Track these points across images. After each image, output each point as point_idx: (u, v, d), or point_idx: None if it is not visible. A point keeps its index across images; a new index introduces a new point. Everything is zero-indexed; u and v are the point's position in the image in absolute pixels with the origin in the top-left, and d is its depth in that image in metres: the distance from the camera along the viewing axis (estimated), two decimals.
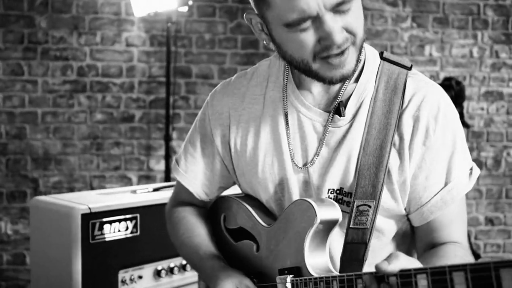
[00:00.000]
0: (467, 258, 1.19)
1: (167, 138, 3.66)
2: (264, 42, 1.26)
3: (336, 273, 1.17)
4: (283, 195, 1.30)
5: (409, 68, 1.27)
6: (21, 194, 3.90)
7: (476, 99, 4.19)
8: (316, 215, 1.14)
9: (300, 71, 1.20)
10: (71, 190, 3.90)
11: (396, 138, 1.21)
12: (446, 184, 1.22)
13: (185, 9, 3.51)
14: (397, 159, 1.21)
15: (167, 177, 3.59)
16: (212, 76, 4.02)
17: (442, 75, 4.11)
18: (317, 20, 1.09)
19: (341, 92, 1.25)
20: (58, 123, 3.91)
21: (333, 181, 1.24)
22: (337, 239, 1.24)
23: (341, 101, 1.24)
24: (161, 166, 3.98)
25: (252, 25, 1.24)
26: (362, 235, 1.21)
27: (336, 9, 1.09)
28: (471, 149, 4.14)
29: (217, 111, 1.38)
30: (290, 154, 1.28)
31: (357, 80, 1.26)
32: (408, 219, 1.28)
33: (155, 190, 2.44)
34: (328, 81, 1.18)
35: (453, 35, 4.16)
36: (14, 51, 3.84)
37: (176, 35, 3.91)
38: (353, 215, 1.20)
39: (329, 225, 1.17)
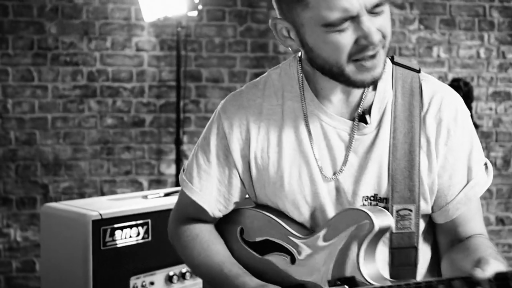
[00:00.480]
0: (495, 249, 1.24)
1: (178, 142, 3.66)
2: (289, 48, 1.25)
3: (389, 280, 1.18)
4: (314, 206, 1.29)
5: (418, 71, 1.32)
6: (31, 200, 3.88)
7: (484, 100, 4.23)
8: (374, 224, 1.14)
9: (330, 75, 1.20)
10: (82, 195, 3.88)
11: (423, 140, 1.25)
12: (468, 181, 1.27)
13: (194, 13, 3.53)
14: (425, 161, 1.25)
15: (178, 181, 3.58)
16: (223, 79, 4.04)
17: (450, 76, 4.15)
18: (355, 21, 1.11)
19: (362, 99, 1.27)
20: (68, 128, 3.90)
21: (366, 188, 1.25)
22: (379, 246, 1.25)
23: (365, 109, 1.27)
24: (172, 170, 3.98)
25: (277, 31, 1.23)
26: (409, 239, 1.23)
27: (373, 11, 1.12)
28: None
29: (234, 124, 1.33)
30: (318, 164, 1.27)
31: (375, 87, 1.28)
32: (430, 217, 1.31)
33: (166, 195, 2.43)
34: (359, 84, 1.19)
35: (460, 36, 4.21)
36: (24, 57, 3.85)
37: (186, 39, 3.93)
38: (394, 220, 1.22)
39: (382, 233, 1.17)
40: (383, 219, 1.16)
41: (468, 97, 3.74)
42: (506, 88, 4.27)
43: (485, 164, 1.30)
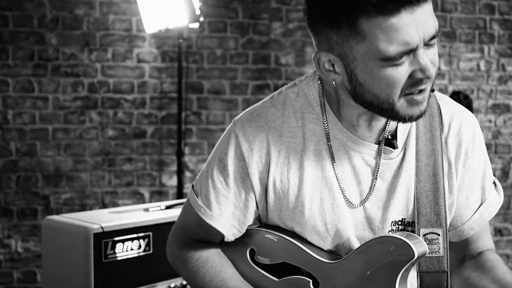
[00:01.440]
0: (503, 262, 1.26)
1: (180, 154, 3.66)
2: (333, 83, 1.19)
3: None
4: (336, 233, 1.27)
5: (433, 91, 1.29)
6: (32, 211, 3.87)
7: (484, 112, 4.26)
8: (413, 251, 1.13)
9: (378, 110, 1.15)
10: (83, 207, 3.88)
11: (445, 163, 1.25)
12: (482, 202, 1.29)
13: (196, 25, 3.51)
14: (447, 183, 1.25)
15: (179, 192, 3.59)
16: (224, 91, 4.04)
17: (450, 88, 4.17)
18: (412, 54, 1.07)
19: (388, 123, 1.24)
20: (69, 140, 3.90)
21: (395, 213, 1.25)
22: None
23: (391, 133, 1.25)
24: (173, 181, 3.98)
25: (319, 64, 1.17)
26: (438, 263, 1.23)
27: (429, 43, 1.09)
28: None
29: (254, 147, 1.26)
30: (341, 190, 1.25)
31: None
32: None
33: (168, 207, 2.44)
34: (407, 119, 1.15)
35: (460, 49, 4.23)
36: (24, 68, 3.83)
37: (188, 51, 3.92)
38: None
39: (417, 260, 1.17)
40: (420, 246, 1.15)
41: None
42: (506, 101, 4.30)
43: (494, 182, 1.32)
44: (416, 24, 1.04)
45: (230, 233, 1.32)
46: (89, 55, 3.89)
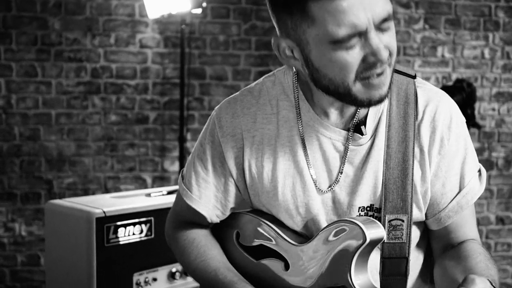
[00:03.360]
0: (486, 253, 1.24)
1: (182, 140, 3.67)
2: (293, 69, 1.23)
3: None
4: (306, 217, 1.29)
5: (414, 77, 1.30)
6: (35, 195, 3.90)
7: (488, 100, 4.23)
8: (365, 236, 1.15)
9: (336, 95, 1.17)
10: (86, 191, 3.91)
11: (417, 150, 1.25)
12: (460, 190, 1.27)
13: (199, 11, 3.51)
14: (419, 170, 1.25)
15: None
16: (226, 77, 4.03)
17: (454, 76, 4.14)
18: (363, 37, 1.08)
19: (358, 110, 1.25)
20: (72, 125, 3.91)
21: (363, 199, 1.26)
22: (372, 255, 1.26)
23: (361, 119, 1.26)
24: (175, 167, 4.00)
25: (279, 51, 1.20)
26: (400, 249, 1.24)
27: (380, 26, 1.09)
28: (482, 150, 4.19)
29: (229, 133, 1.32)
30: (312, 175, 1.27)
31: None
32: (424, 223, 1.32)
33: (169, 193, 2.46)
34: (366, 104, 1.16)
35: (465, 36, 4.19)
36: (27, 52, 3.84)
37: (190, 37, 3.92)
38: (386, 230, 1.23)
39: (373, 244, 1.18)
40: (375, 231, 1.16)
41: (471, 98, 3.74)
42: (510, 89, 4.26)
43: (479, 170, 1.31)
44: (364, 7, 1.05)
45: (213, 214, 1.38)
46: (92, 40, 3.89)
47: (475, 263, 1.18)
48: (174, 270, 2.32)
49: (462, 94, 3.67)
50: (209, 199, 1.36)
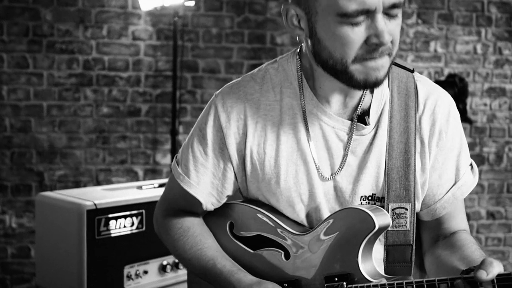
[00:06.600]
0: (478, 243, 1.27)
1: (174, 132, 3.66)
2: (297, 38, 1.24)
3: (385, 277, 1.20)
4: (309, 205, 1.30)
5: (412, 71, 1.34)
6: (26, 187, 3.88)
7: (479, 95, 4.25)
8: (375, 223, 1.17)
9: (332, 72, 1.19)
10: (77, 184, 3.89)
11: (418, 141, 1.28)
12: (456, 181, 1.31)
13: (192, 3, 3.51)
14: (419, 161, 1.28)
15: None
16: (219, 70, 4.02)
17: (446, 71, 4.16)
18: (370, 17, 1.11)
19: (361, 100, 1.28)
20: (63, 117, 3.89)
21: (365, 188, 1.27)
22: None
23: (364, 110, 1.28)
24: (167, 160, 3.99)
25: (287, 17, 1.22)
26: (404, 237, 1.26)
27: (389, 12, 1.12)
28: (474, 144, 4.20)
29: (232, 118, 1.31)
30: (316, 164, 1.28)
31: (372, 89, 1.29)
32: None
33: (161, 185, 2.46)
34: (361, 85, 1.18)
35: (457, 31, 4.20)
36: (19, 43, 3.81)
37: (183, 29, 3.90)
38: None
39: (380, 232, 1.20)
40: (382, 218, 1.18)
41: (463, 93, 3.77)
42: (501, 85, 4.28)
43: (471, 164, 1.34)
44: None
45: (209, 201, 1.36)
46: (84, 32, 3.87)
47: (471, 251, 1.21)
48: (165, 263, 2.32)
49: (454, 89, 3.69)
50: (207, 185, 1.34)
